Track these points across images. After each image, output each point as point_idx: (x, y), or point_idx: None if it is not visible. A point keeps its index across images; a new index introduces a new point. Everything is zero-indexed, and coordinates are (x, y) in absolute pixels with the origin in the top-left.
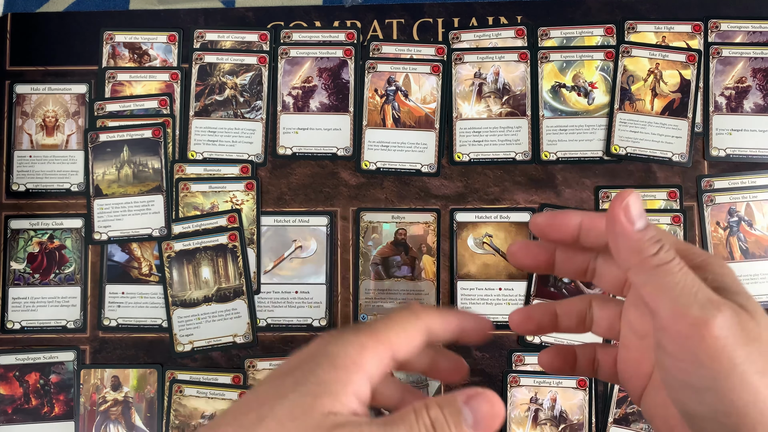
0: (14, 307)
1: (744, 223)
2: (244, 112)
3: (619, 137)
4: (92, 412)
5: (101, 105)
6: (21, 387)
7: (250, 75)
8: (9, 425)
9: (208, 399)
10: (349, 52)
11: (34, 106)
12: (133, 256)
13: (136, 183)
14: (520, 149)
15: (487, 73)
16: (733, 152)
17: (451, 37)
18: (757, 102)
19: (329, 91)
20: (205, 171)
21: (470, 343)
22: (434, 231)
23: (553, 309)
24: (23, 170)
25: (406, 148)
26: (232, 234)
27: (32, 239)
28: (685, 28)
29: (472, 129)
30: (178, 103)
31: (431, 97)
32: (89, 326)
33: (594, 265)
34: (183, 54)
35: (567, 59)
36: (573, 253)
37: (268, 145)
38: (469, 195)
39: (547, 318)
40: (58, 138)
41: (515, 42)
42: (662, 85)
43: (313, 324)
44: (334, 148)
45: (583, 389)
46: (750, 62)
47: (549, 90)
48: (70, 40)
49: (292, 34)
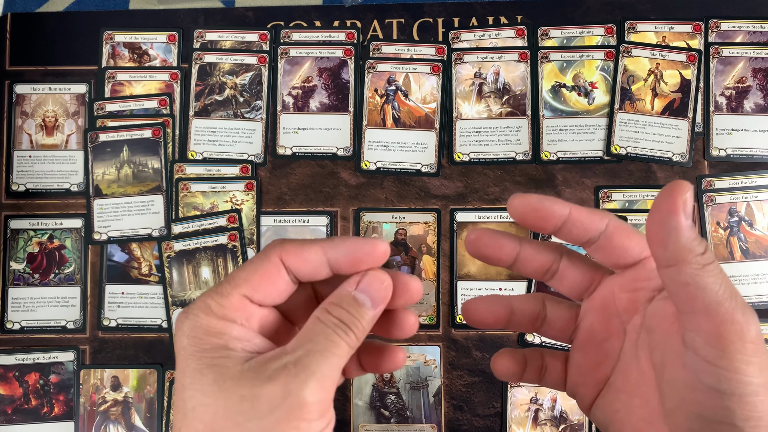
0: (14, 307)
1: (744, 223)
2: (244, 112)
3: (620, 137)
4: (92, 413)
5: (101, 105)
6: (21, 387)
7: (250, 75)
8: (9, 425)
9: None
10: (349, 52)
11: (34, 106)
12: (133, 256)
13: (135, 183)
14: (520, 149)
15: (487, 73)
16: (733, 152)
17: (451, 37)
18: (758, 102)
19: (329, 91)
20: (205, 171)
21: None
22: (434, 231)
23: (509, 303)
24: (23, 170)
25: (406, 148)
26: (232, 234)
27: (32, 239)
28: (686, 28)
29: (472, 129)
30: (178, 103)
31: (431, 97)
32: (89, 326)
33: (557, 266)
34: (183, 54)
35: (567, 59)
36: (539, 250)
37: (268, 145)
38: (469, 195)
39: (503, 312)
40: (58, 138)
41: (515, 42)
42: (662, 85)
43: None
44: (334, 148)
45: None
46: (750, 62)
47: (549, 90)
48: (70, 40)
49: (292, 34)
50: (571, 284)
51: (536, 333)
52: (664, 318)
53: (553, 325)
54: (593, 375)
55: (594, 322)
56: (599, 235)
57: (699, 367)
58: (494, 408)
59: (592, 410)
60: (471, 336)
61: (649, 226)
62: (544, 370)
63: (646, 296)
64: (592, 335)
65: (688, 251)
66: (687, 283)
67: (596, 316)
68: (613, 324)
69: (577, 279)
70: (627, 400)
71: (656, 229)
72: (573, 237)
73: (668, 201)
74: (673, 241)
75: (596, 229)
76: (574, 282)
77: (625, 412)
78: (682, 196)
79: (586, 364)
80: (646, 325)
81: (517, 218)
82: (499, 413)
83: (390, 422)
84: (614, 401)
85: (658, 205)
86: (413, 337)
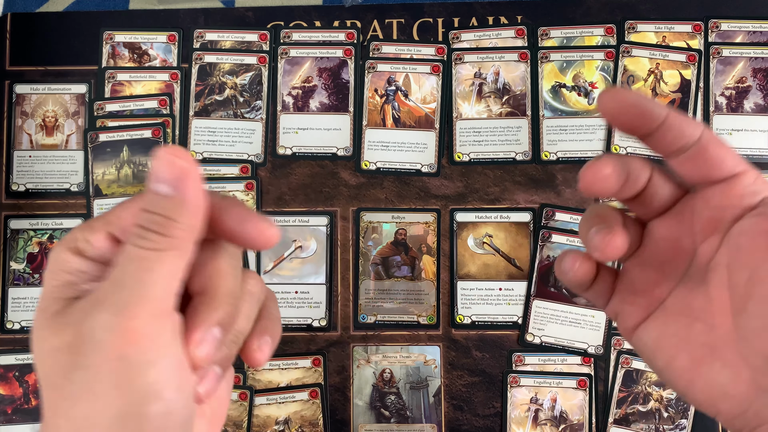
0: (14, 307)
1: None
2: (244, 112)
3: (620, 137)
4: None
5: (101, 105)
6: (21, 387)
7: (250, 75)
8: (9, 425)
9: None
10: (349, 52)
11: (34, 106)
12: None
13: (135, 183)
14: (520, 149)
15: (487, 73)
16: None
17: (451, 37)
18: (758, 102)
19: (329, 91)
20: (205, 171)
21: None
22: (434, 231)
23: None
24: (23, 170)
25: (406, 148)
26: None
27: (32, 239)
28: (686, 28)
29: (472, 129)
30: (178, 103)
31: (431, 97)
32: None
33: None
34: (183, 54)
35: (567, 59)
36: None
37: (268, 145)
38: (469, 195)
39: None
40: (58, 138)
41: (515, 42)
42: (662, 85)
43: (313, 324)
44: (334, 148)
45: (583, 389)
46: (750, 62)
47: (549, 90)
48: (70, 40)
49: (292, 34)
50: (656, 203)
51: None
52: (758, 234)
53: (658, 196)
54: (647, 295)
55: (662, 239)
56: (693, 143)
57: None
58: (494, 408)
59: (637, 333)
60: (471, 336)
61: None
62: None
63: (732, 214)
64: (656, 252)
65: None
66: None
67: (667, 232)
68: (685, 243)
69: (665, 197)
70: (687, 324)
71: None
72: (666, 142)
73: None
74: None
75: (691, 134)
76: (661, 200)
77: (683, 337)
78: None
79: (642, 281)
80: (731, 243)
81: (608, 113)
82: (499, 413)
83: (390, 422)
84: (669, 325)
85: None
86: (413, 337)
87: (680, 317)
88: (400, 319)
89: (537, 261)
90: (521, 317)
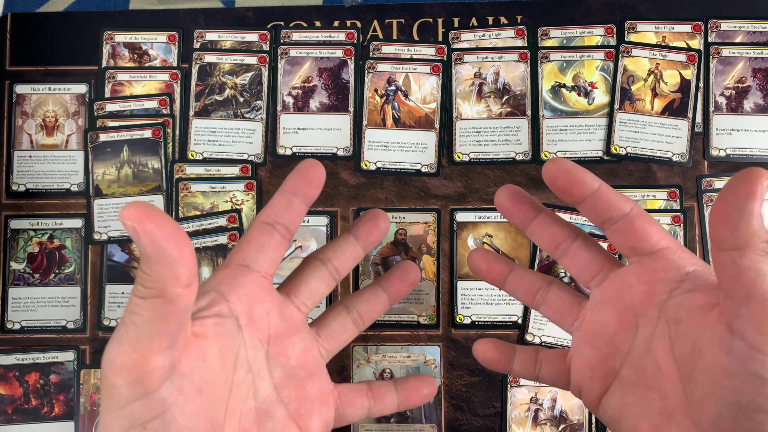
0: (14, 307)
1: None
2: (244, 112)
3: (619, 137)
4: (92, 412)
5: (101, 105)
6: (21, 387)
7: (250, 75)
8: (9, 425)
9: None
10: (349, 52)
11: (34, 106)
12: (133, 256)
13: (136, 183)
14: (520, 149)
15: (487, 73)
16: (733, 152)
17: (451, 37)
18: (758, 102)
19: (329, 91)
20: (205, 171)
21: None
22: (434, 231)
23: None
24: (23, 170)
25: (406, 148)
26: (232, 234)
27: (32, 239)
28: (685, 28)
29: (472, 129)
30: (178, 103)
31: (431, 97)
32: (89, 326)
33: (570, 243)
34: (183, 54)
35: (567, 59)
36: (557, 222)
37: (268, 145)
38: (469, 195)
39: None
40: (58, 138)
41: (515, 42)
42: (662, 85)
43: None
44: (334, 148)
45: None
46: (750, 62)
47: (549, 90)
48: (70, 40)
49: (292, 34)
50: (580, 265)
51: (535, 309)
52: (695, 309)
53: (553, 305)
54: (601, 369)
55: (606, 315)
56: (621, 217)
57: (745, 353)
58: (494, 408)
59: (601, 406)
60: (471, 336)
61: (719, 207)
62: (539, 365)
63: (664, 288)
64: (602, 328)
65: (757, 237)
66: (749, 268)
67: (609, 308)
68: (626, 317)
69: (587, 262)
70: (642, 394)
71: (728, 211)
72: (596, 211)
73: (747, 185)
74: (745, 225)
75: (620, 209)
76: (584, 264)
77: (641, 406)
78: (762, 182)
79: (593, 358)
80: (669, 317)
81: (548, 179)
82: (499, 413)
83: (390, 422)
84: (626, 396)
85: (735, 189)
86: (413, 337)
87: (635, 387)
88: (400, 318)
89: (537, 261)
90: (521, 317)
